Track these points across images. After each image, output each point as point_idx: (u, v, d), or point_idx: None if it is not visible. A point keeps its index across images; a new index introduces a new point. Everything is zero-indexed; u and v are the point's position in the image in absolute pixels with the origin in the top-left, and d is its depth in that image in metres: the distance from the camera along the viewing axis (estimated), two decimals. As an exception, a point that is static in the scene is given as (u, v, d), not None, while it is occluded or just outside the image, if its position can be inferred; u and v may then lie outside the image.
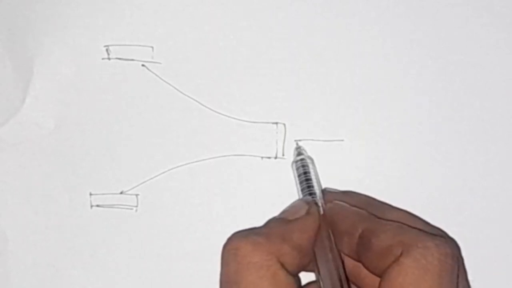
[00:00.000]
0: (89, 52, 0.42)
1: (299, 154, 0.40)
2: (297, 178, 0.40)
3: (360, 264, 0.35)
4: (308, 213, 0.36)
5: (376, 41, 0.41)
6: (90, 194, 0.43)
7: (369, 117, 0.41)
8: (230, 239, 0.34)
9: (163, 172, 0.42)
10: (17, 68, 0.43)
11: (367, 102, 0.41)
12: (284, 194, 0.42)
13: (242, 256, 0.33)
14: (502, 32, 0.41)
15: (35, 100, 0.43)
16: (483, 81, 0.41)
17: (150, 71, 0.42)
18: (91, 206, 0.43)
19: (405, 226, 0.34)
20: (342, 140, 0.41)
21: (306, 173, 0.39)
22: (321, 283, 0.35)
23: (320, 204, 0.37)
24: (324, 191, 0.39)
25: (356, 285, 0.37)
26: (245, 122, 0.42)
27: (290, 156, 0.42)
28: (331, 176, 0.41)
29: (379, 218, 0.35)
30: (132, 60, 0.42)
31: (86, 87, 0.43)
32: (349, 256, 0.36)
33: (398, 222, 0.34)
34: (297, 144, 0.41)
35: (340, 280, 0.35)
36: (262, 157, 0.42)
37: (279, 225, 0.36)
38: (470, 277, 0.36)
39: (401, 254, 0.32)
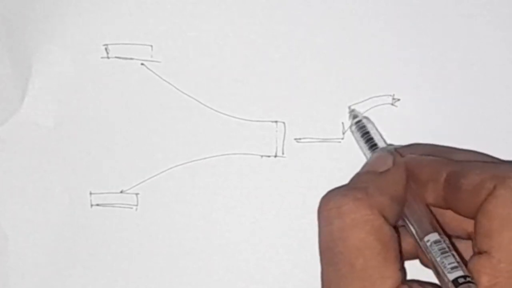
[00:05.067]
0: (88, 51, 0.42)
1: (354, 116, 0.40)
2: (360, 140, 0.40)
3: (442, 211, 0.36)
4: (395, 163, 0.36)
5: (376, 40, 0.41)
6: (90, 193, 0.43)
7: (368, 115, 0.41)
8: (328, 198, 0.34)
9: (163, 171, 0.42)
10: (16, 67, 0.42)
11: (366, 100, 0.41)
12: (284, 193, 0.42)
13: (346, 213, 0.33)
14: (502, 32, 0.41)
15: (34, 99, 0.42)
16: (483, 81, 0.41)
17: (149, 69, 0.42)
18: (91, 205, 0.43)
19: (490, 162, 0.35)
20: (342, 139, 0.41)
21: (367, 133, 0.39)
22: (413, 231, 0.35)
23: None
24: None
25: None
26: (245, 120, 0.42)
27: (290, 154, 0.42)
28: (331, 174, 0.41)
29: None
30: (131, 59, 0.42)
31: (85, 86, 0.42)
32: (433, 204, 0.36)
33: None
34: (350, 108, 0.41)
35: (433, 225, 0.35)
36: (261, 156, 0.42)
37: (373, 178, 0.35)
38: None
39: (494, 187, 0.32)
